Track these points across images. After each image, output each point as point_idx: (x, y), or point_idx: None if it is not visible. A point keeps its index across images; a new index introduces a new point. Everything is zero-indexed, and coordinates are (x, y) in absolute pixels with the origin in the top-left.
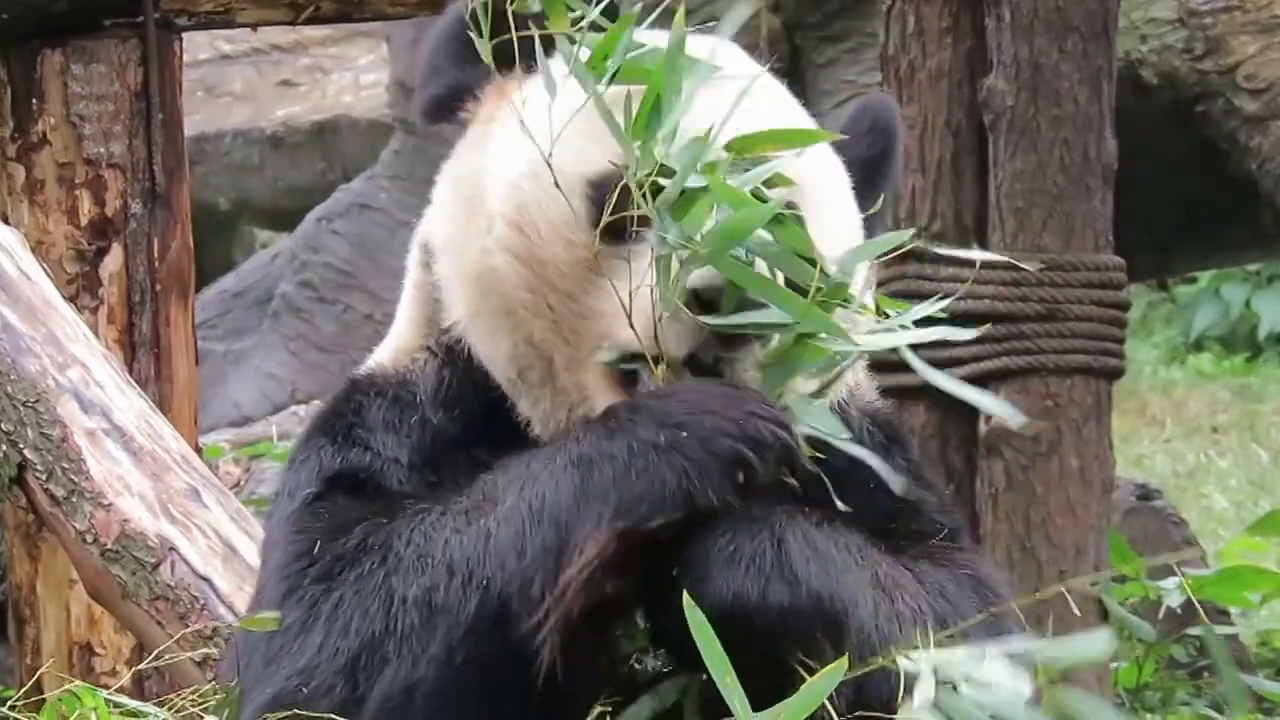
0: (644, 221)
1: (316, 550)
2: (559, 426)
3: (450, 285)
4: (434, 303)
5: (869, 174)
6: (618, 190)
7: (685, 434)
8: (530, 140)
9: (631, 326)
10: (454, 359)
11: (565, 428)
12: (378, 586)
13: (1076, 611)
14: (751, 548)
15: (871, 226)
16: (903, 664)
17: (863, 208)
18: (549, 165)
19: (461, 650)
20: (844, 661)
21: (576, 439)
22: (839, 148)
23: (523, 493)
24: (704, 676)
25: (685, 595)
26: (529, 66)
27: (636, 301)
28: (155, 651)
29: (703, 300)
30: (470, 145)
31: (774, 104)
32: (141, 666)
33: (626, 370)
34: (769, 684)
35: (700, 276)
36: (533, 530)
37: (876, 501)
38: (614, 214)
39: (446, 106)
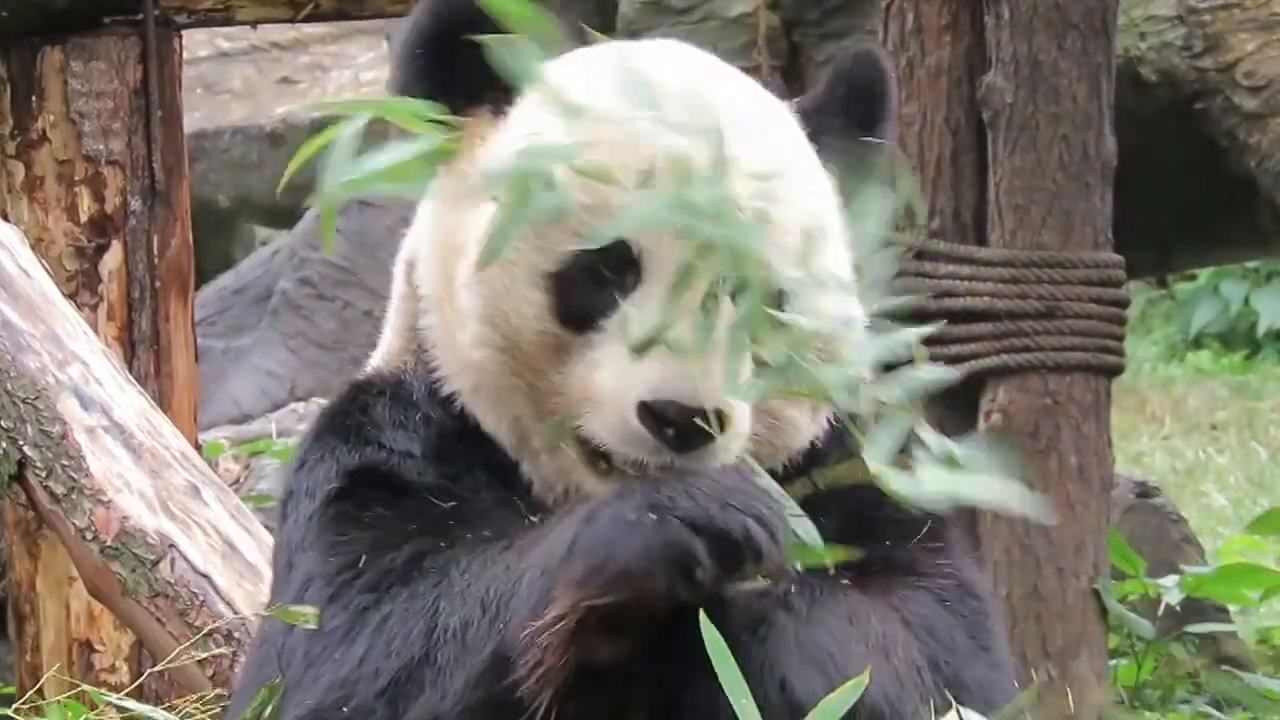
0: (605, 305)
1: (362, 563)
2: (556, 490)
3: (443, 357)
4: (421, 338)
5: (855, 147)
6: (579, 276)
7: (654, 518)
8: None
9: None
10: (430, 371)
11: (564, 492)
12: (425, 609)
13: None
14: (760, 690)
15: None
16: None
17: (856, 181)
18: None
19: (478, 690)
20: (864, 678)
21: (586, 504)
22: (817, 123)
23: (540, 545)
24: None
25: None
26: (501, 105)
27: (599, 399)
28: (169, 656)
29: (658, 416)
30: (446, 201)
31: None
32: (153, 670)
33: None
34: None
35: (653, 390)
36: (538, 578)
37: (863, 491)
38: (574, 301)
39: None
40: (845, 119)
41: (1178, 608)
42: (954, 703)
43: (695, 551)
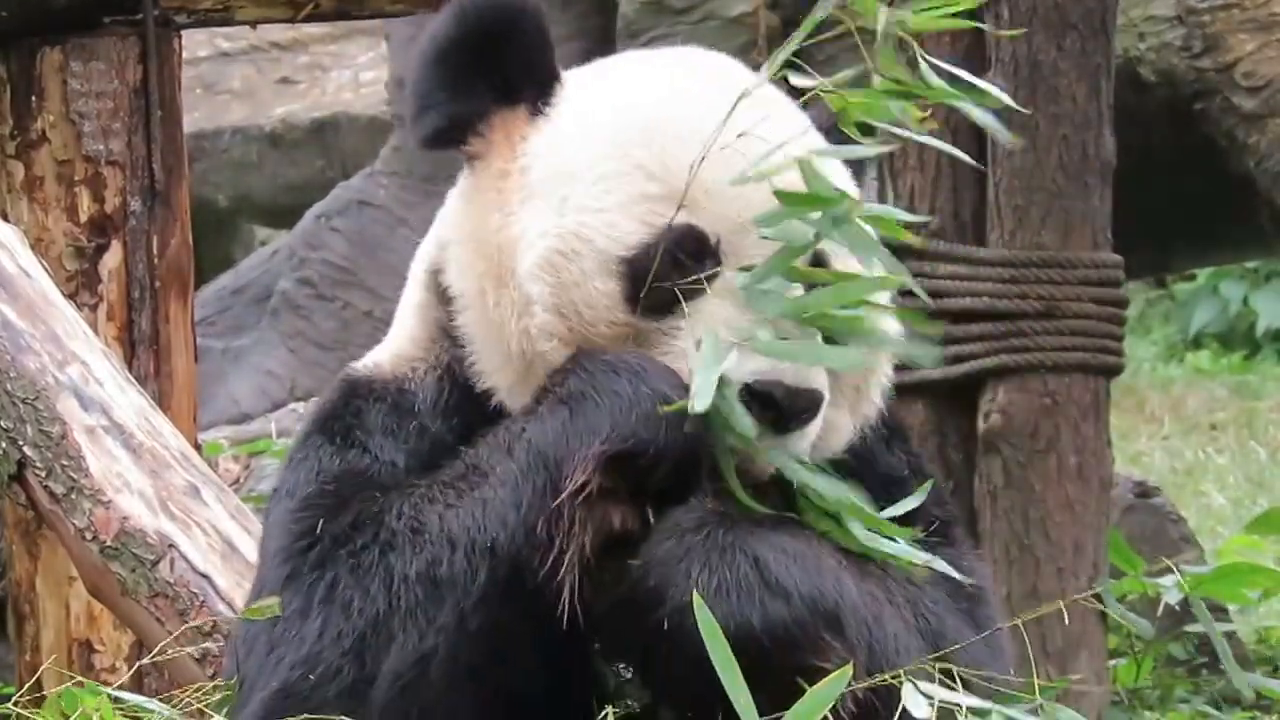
0: (684, 293)
1: (319, 529)
2: None
3: (484, 352)
4: (441, 331)
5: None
6: (657, 263)
7: (630, 385)
8: (556, 210)
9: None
10: (454, 376)
11: None
12: (374, 564)
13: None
14: (734, 574)
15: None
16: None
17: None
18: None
19: (475, 618)
20: (847, 670)
21: (554, 390)
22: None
23: (512, 451)
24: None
25: (696, 598)
26: (538, 104)
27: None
28: (158, 646)
29: (759, 396)
30: (485, 200)
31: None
32: (144, 662)
33: None
34: (776, 698)
35: (757, 373)
36: (524, 479)
37: (874, 494)
38: (652, 289)
39: (446, 139)
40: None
41: (1177, 607)
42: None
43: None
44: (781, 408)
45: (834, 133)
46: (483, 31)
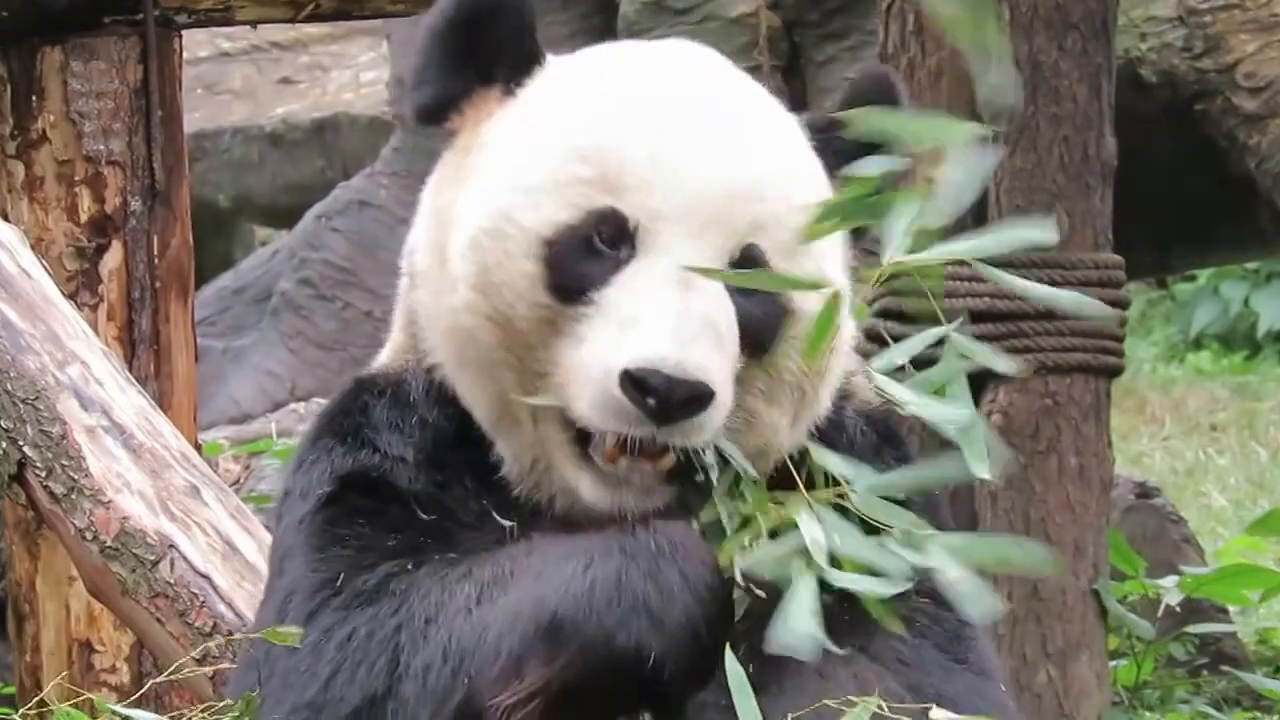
0: (597, 280)
1: (340, 581)
2: (525, 468)
3: (429, 329)
4: (416, 326)
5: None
6: (571, 249)
7: (629, 602)
8: (490, 189)
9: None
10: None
11: (532, 472)
12: (387, 639)
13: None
14: None
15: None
16: None
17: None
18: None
19: None
20: None
21: (591, 552)
22: (831, 138)
23: (523, 586)
24: None
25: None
26: (510, 85)
27: (583, 371)
28: (174, 665)
29: (640, 384)
30: (448, 172)
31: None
32: (158, 680)
33: (581, 430)
34: None
35: (637, 358)
36: (510, 637)
37: None
38: (566, 272)
39: (434, 116)
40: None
41: (1177, 608)
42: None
43: (663, 661)
44: (658, 395)
45: (837, 125)
46: (472, 12)
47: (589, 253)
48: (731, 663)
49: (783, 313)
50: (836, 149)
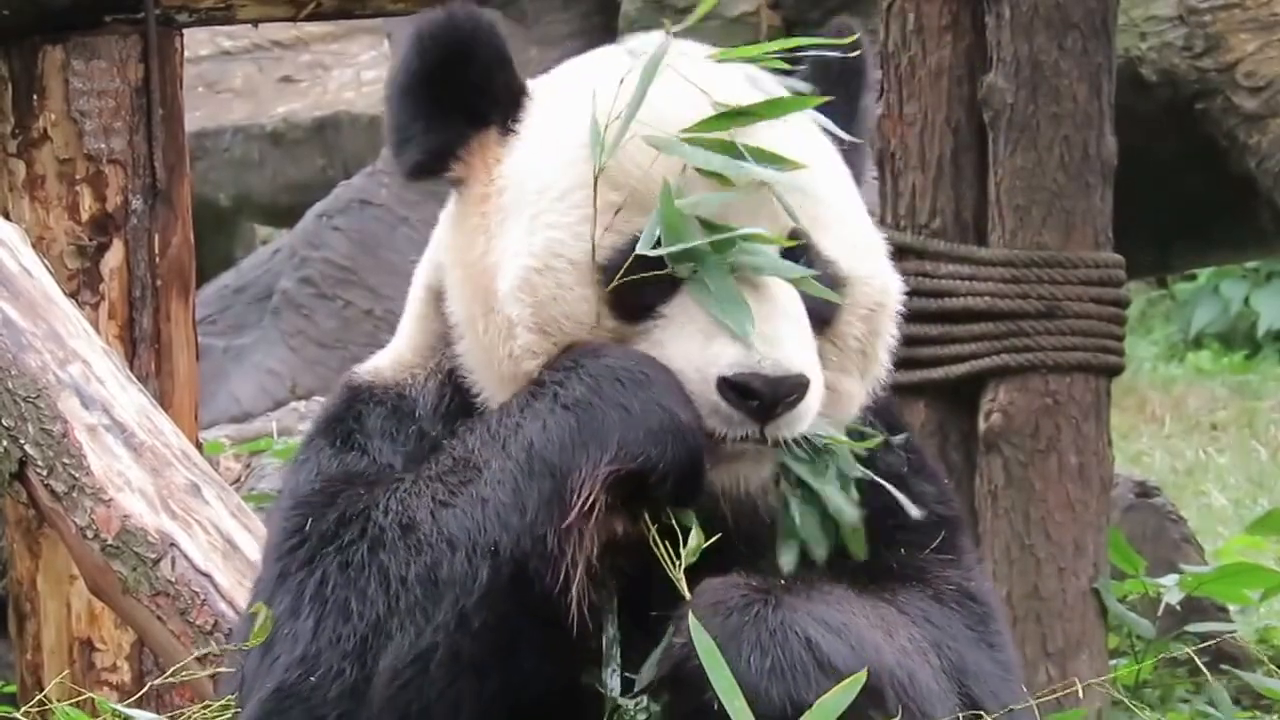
0: (661, 294)
1: (306, 527)
2: None
3: (482, 380)
4: (442, 340)
5: (844, 120)
6: (626, 268)
7: (637, 394)
8: (527, 229)
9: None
10: (455, 383)
11: None
12: (365, 563)
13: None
14: (788, 656)
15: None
16: None
17: (846, 159)
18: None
19: (476, 617)
20: None
21: (553, 389)
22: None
23: (508, 449)
24: None
25: (692, 619)
26: (507, 124)
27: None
28: (175, 667)
29: (739, 388)
30: (471, 225)
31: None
32: (157, 682)
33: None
34: None
35: (733, 365)
36: (527, 485)
37: (875, 494)
38: (627, 289)
39: (430, 169)
40: (845, 93)
41: (1178, 607)
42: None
43: (687, 428)
44: (762, 397)
45: (836, 114)
46: (441, 60)
47: (645, 269)
48: (697, 629)
49: (838, 283)
50: (828, 112)
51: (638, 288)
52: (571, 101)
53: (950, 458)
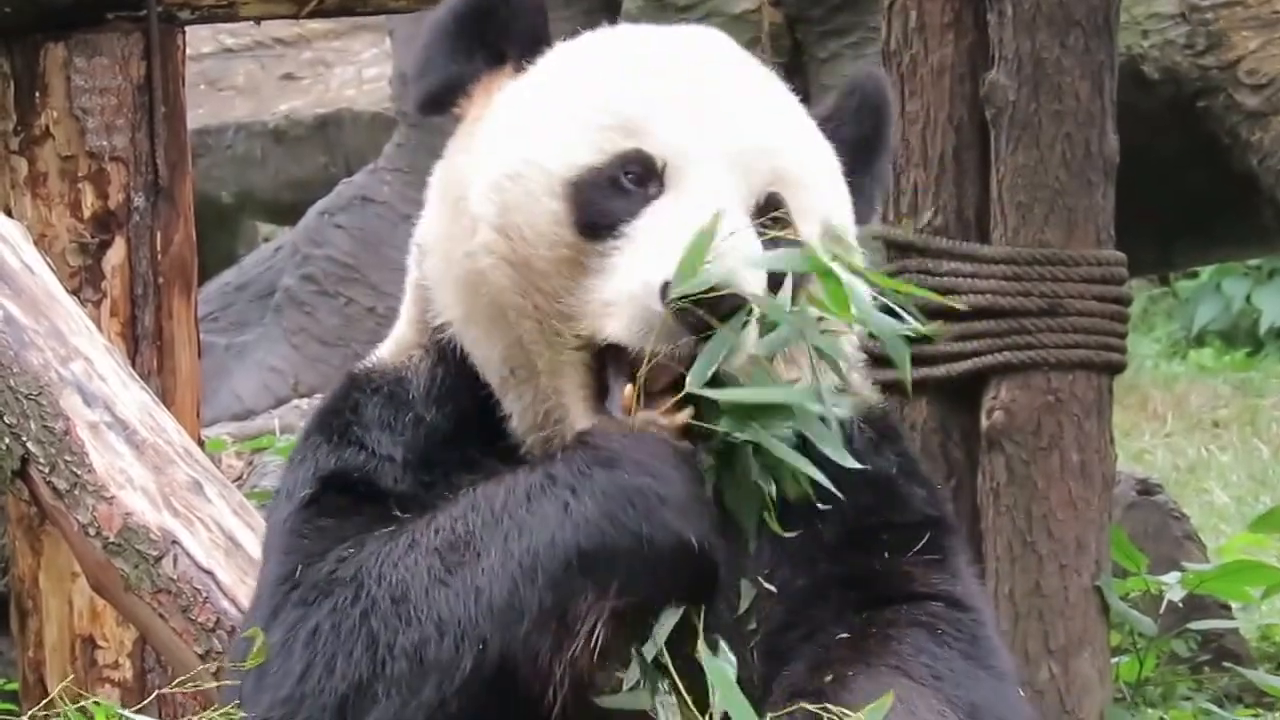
0: (627, 214)
1: (298, 574)
2: (536, 422)
3: (440, 287)
4: (426, 301)
5: (861, 154)
6: (597, 187)
7: (649, 513)
8: (511, 139)
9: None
10: (445, 357)
11: (542, 426)
12: (356, 627)
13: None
14: None
15: (865, 208)
16: None
17: (855, 189)
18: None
19: (457, 700)
20: None
21: (565, 481)
22: (829, 130)
23: (509, 544)
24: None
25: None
26: (521, 63)
27: (621, 293)
28: (185, 676)
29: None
30: (458, 145)
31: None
32: (166, 691)
33: (600, 381)
34: None
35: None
36: (528, 592)
37: (861, 496)
38: (594, 209)
39: (440, 101)
40: (856, 128)
41: (1180, 605)
42: None
43: (701, 537)
44: (701, 304)
45: (832, 119)
46: (485, 2)
47: (615, 191)
48: (709, 659)
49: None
50: (835, 139)
51: (602, 207)
52: (585, 47)
53: (952, 455)
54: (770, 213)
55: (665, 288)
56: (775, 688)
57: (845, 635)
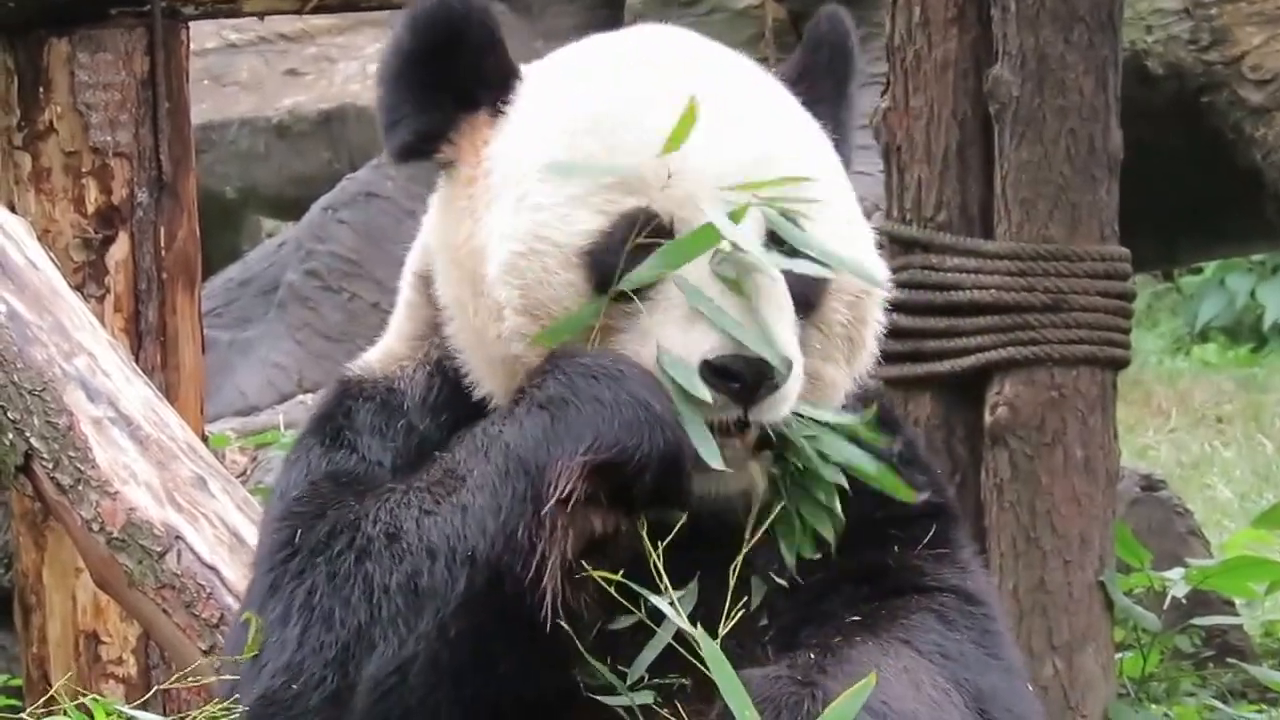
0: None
1: (297, 539)
2: None
3: (472, 359)
4: (431, 328)
5: (833, 104)
6: (612, 252)
7: (614, 396)
8: (516, 214)
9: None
10: (444, 371)
11: None
12: (351, 573)
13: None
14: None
15: (848, 151)
16: None
17: (841, 136)
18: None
19: (454, 624)
20: None
21: (531, 393)
22: (805, 93)
23: (489, 454)
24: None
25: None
26: (497, 106)
27: (659, 366)
28: (187, 669)
29: (719, 370)
30: (459, 200)
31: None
32: (168, 686)
33: None
34: None
35: (715, 348)
36: (503, 485)
37: (864, 487)
38: (613, 274)
39: (419, 151)
40: (833, 79)
41: (1183, 600)
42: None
43: (665, 420)
44: (743, 379)
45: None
46: (433, 41)
47: (630, 253)
48: (711, 648)
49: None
50: (819, 98)
51: (620, 272)
52: (561, 84)
53: (956, 451)
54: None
55: (705, 366)
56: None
57: (855, 618)
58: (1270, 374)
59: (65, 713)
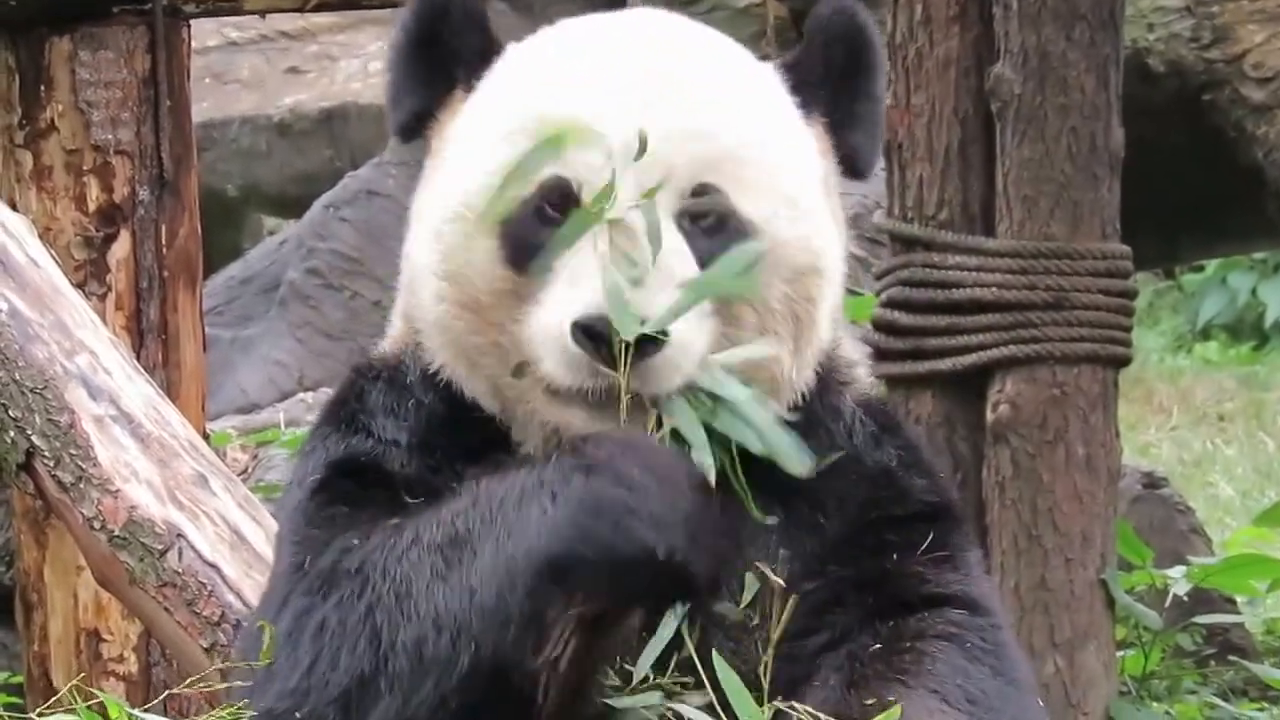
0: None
1: (306, 564)
2: (543, 447)
3: (426, 331)
4: (414, 320)
5: (844, 88)
6: (524, 221)
7: (626, 520)
8: (449, 180)
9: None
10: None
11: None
12: (361, 621)
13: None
14: None
15: (866, 140)
16: None
17: (848, 123)
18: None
19: (455, 699)
20: None
21: (547, 488)
22: (797, 77)
23: (499, 545)
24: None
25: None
26: (470, 83)
27: (543, 332)
28: (196, 676)
29: (591, 334)
30: (423, 180)
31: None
32: (177, 691)
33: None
34: None
35: (584, 307)
36: (511, 596)
37: (862, 491)
38: (522, 243)
39: (414, 131)
40: (824, 66)
41: (1185, 598)
42: None
43: (672, 548)
44: (606, 339)
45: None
46: (425, 23)
47: (542, 222)
48: (721, 666)
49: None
50: (808, 83)
51: (530, 240)
52: (523, 59)
53: (958, 449)
54: (703, 202)
55: (575, 328)
56: (807, 698)
57: (877, 648)
58: (1272, 372)
59: (75, 713)
